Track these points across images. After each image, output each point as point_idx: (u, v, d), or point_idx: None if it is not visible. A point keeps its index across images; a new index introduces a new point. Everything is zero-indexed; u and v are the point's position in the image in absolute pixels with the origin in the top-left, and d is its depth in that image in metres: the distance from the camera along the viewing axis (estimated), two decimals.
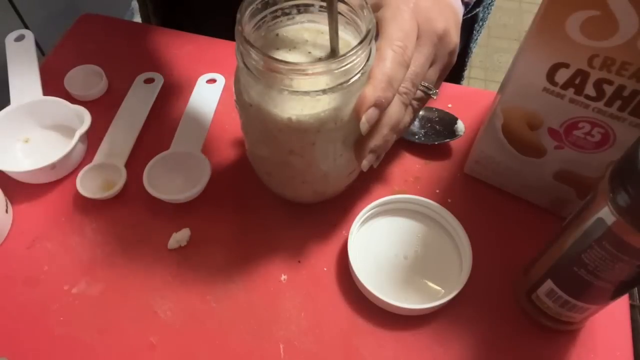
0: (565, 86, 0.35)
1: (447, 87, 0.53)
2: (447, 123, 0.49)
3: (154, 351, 0.39)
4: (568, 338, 0.40)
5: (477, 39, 0.66)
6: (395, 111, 0.37)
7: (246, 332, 0.40)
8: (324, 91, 0.34)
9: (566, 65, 0.34)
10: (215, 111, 0.52)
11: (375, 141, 0.37)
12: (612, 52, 0.32)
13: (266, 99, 0.35)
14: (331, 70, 0.33)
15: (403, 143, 0.49)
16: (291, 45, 0.38)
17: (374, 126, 0.36)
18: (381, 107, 0.35)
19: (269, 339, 0.40)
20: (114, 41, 0.59)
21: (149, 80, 0.55)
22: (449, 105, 0.52)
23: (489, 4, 0.63)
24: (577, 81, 0.35)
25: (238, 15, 0.34)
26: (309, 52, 0.38)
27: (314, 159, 0.39)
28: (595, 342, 0.40)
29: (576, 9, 0.31)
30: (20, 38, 0.54)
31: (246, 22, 0.35)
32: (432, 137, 0.49)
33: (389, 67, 0.35)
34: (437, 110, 0.50)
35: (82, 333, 0.40)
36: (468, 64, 0.69)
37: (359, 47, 0.33)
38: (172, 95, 0.54)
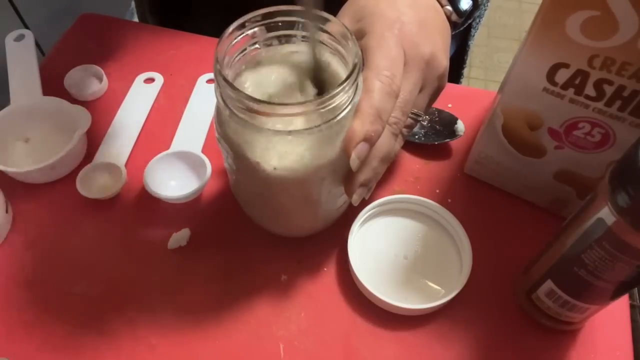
0: (565, 86, 0.35)
1: (447, 87, 0.53)
2: (447, 123, 0.49)
3: (154, 351, 0.39)
4: (568, 338, 0.40)
5: (474, 35, 0.65)
6: (385, 142, 0.36)
7: (246, 332, 0.40)
8: (310, 130, 0.32)
9: (566, 65, 0.34)
10: None
11: (365, 174, 0.36)
12: (612, 52, 0.32)
13: (249, 139, 0.34)
14: (317, 110, 0.31)
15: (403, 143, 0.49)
16: (275, 80, 0.36)
17: (364, 159, 0.35)
18: (371, 141, 0.34)
19: (269, 339, 0.40)
20: (114, 41, 0.59)
21: (149, 80, 0.55)
22: (449, 105, 0.52)
23: (486, 1, 0.63)
24: (577, 81, 0.35)
25: (216, 53, 0.32)
26: (294, 85, 0.36)
27: (300, 197, 0.37)
28: (595, 342, 0.40)
29: (576, 9, 0.31)
30: (20, 38, 0.54)
31: (223, 58, 0.33)
32: (432, 137, 0.49)
33: (377, 99, 0.33)
34: (437, 110, 0.50)
35: (82, 333, 0.40)
36: (467, 61, 0.68)
37: (346, 83, 0.31)
38: (172, 95, 0.54)
